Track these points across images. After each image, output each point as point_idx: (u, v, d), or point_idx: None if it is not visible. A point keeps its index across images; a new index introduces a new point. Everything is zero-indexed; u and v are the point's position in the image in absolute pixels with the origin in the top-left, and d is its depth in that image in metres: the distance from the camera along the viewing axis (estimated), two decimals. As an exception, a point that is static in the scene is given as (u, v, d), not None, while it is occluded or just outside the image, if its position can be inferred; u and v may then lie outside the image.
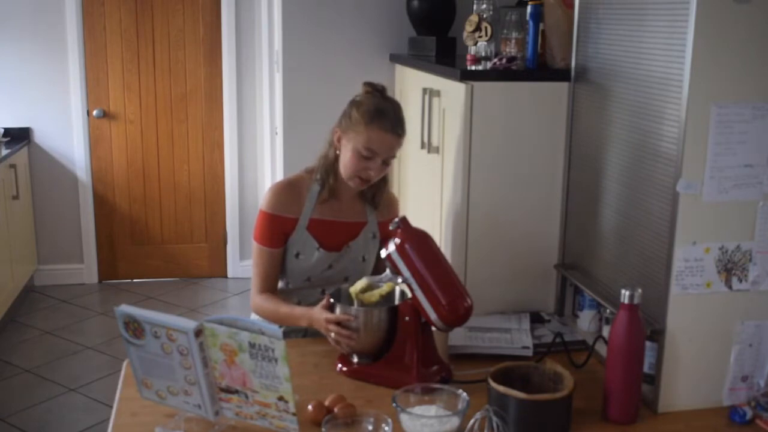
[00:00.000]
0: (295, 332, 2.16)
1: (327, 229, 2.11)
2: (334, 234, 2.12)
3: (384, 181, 2.15)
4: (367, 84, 2.10)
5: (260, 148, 5.05)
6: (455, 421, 1.54)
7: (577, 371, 1.85)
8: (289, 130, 3.33)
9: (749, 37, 1.57)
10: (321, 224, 2.11)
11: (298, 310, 2.00)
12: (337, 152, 2.09)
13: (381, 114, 2.02)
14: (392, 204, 2.23)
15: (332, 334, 1.85)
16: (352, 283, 1.92)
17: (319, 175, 2.12)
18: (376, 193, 2.16)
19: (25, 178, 4.79)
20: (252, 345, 1.46)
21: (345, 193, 2.13)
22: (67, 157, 4.95)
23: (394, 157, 2.07)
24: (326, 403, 1.63)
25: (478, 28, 2.52)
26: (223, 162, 5.15)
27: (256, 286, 2.12)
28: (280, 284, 2.18)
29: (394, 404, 1.56)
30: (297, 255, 2.11)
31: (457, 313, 1.77)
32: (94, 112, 4.95)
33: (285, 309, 2.04)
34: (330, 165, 2.10)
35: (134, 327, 1.54)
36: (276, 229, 2.10)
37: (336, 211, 2.13)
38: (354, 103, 2.08)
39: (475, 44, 2.55)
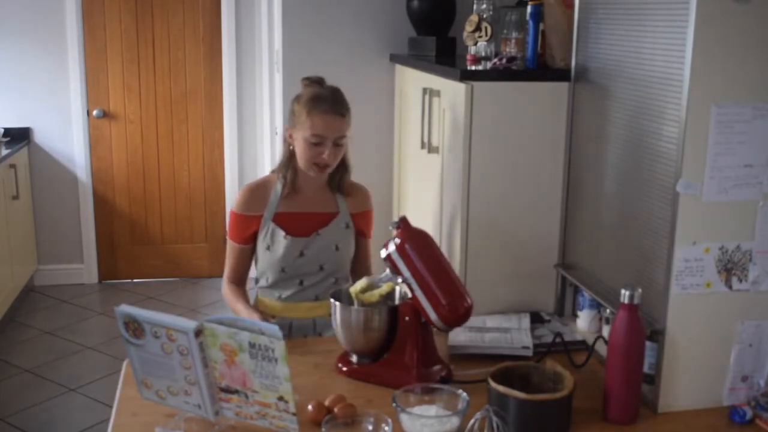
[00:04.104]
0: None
1: (294, 220, 2.19)
2: (302, 223, 2.18)
3: (344, 167, 2.22)
4: (305, 78, 2.20)
5: (260, 148, 5.05)
6: (455, 421, 1.54)
7: (577, 371, 1.85)
8: (289, 130, 3.33)
9: (749, 37, 1.57)
10: (287, 216, 2.19)
11: (243, 313, 2.10)
12: (291, 148, 2.18)
13: (318, 99, 2.11)
14: (364, 196, 2.29)
15: None
16: (336, 281, 1.93)
17: (280, 171, 2.21)
18: (340, 178, 2.23)
19: (25, 178, 4.79)
20: (252, 345, 1.46)
21: (310, 185, 2.21)
22: (67, 157, 4.95)
23: (344, 137, 2.13)
24: (326, 403, 1.63)
25: (478, 28, 2.52)
26: (223, 162, 5.15)
27: (226, 275, 2.27)
28: (262, 282, 2.24)
29: (394, 404, 1.56)
30: (268, 248, 2.18)
31: (457, 313, 1.78)
32: (94, 112, 4.95)
33: (237, 306, 2.16)
34: (287, 161, 2.20)
35: (134, 327, 1.54)
36: (243, 228, 2.20)
37: (302, 203, 2.20)
38: (295, 99, 2.19)
39: (475, 44, 2.55)
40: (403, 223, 1.87)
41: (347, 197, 2.23)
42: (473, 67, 2.40)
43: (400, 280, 1.83)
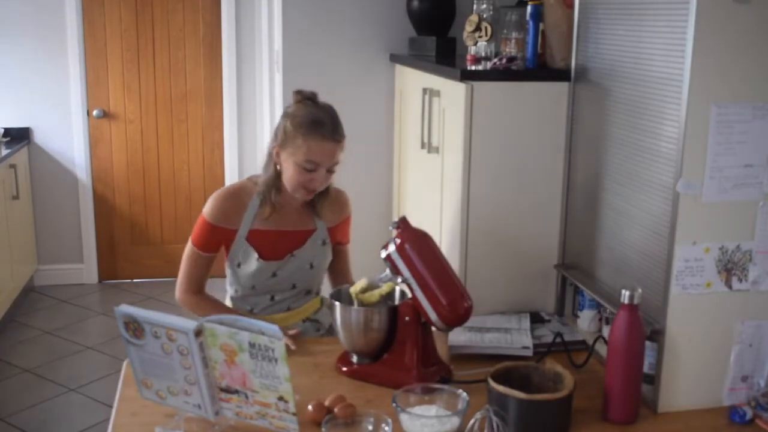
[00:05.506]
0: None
1: (269, 239, 2.08)
2: (277, 244, 2.09)
3: (326, 187, 2.09)
4: (297, 92, 2.05)
5: (260, 148, 5.05)
6: (455, 421, 1.54)
7: (577, 371, 1.85)
8: (289, 130, 3.33)
9: (749, 37, 1.57)
10: (262, 234, 2.08)
11: None
12: (278, 167, 2.05)
13: (317, 123, 1.97)
14: (341, 204, 2.18)
15: None
16: (307, 293, 1.94)
17: (262, 190, 2.07)
18: (320, 195, 2.10)
19: (25, 178, 4.79)
20: (252, 345, 1.46)
21: (290, 203, 2.10)
22: (67, 157, 4.95)
23: (337, 163, 2.02)
24: (326, 403, 1.62)
25: (478, 28, 2.52)
26: (223, 162, 5.15)
27: (182, 285, 2.14)
28: (231, 291, 2.17)
29: (394, 404, 1.56)
30: (238, 265, 2.10)
31: (457, 313, 1.78)
32: (94, 112, 4.95)
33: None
34: (272, 181, 2.06)
35: (134, 327, 1.54)
36: (213, 238, 2.08)
37: (279, 221, 2.09)
38: (287, 116, 2.03)
39: (475, 44, 2.55)
40: (403, 223, 1.87)
41: (325, 217, 2.14)
42: (473, 67, 2.39)
43: (400, 280, 1.83)
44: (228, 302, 2.21)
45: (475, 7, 2.57)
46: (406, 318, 1.80)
